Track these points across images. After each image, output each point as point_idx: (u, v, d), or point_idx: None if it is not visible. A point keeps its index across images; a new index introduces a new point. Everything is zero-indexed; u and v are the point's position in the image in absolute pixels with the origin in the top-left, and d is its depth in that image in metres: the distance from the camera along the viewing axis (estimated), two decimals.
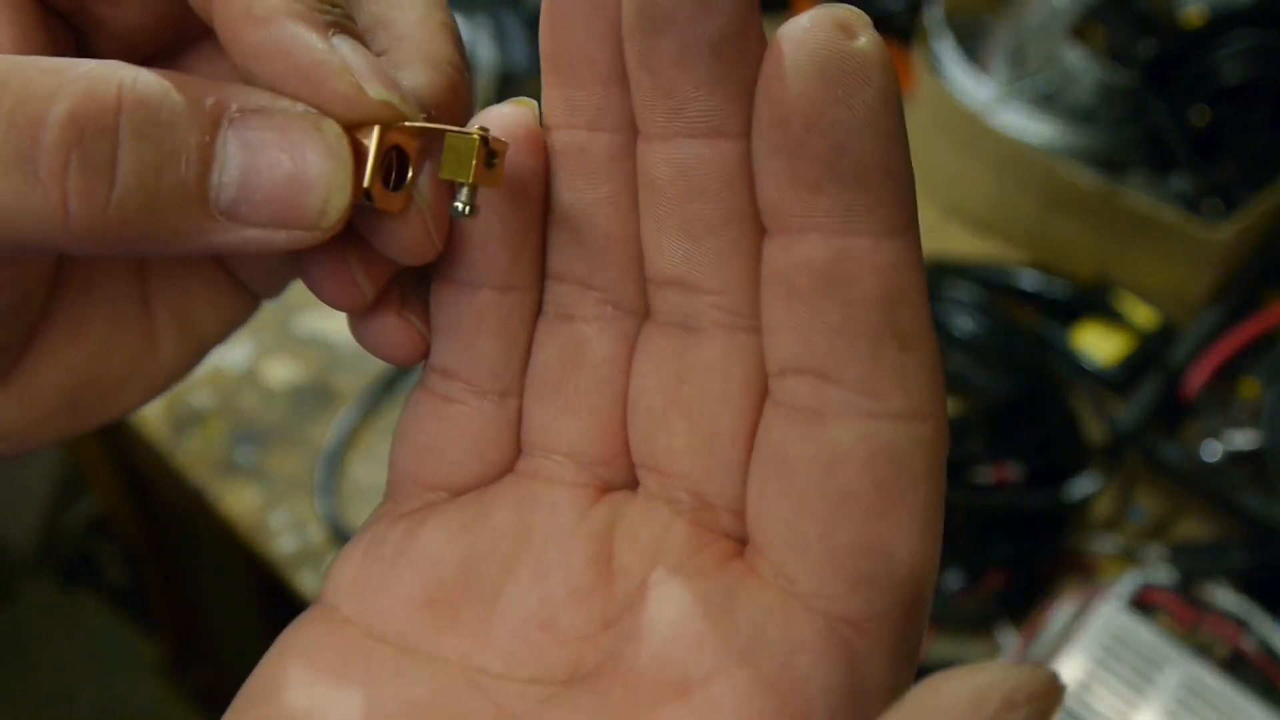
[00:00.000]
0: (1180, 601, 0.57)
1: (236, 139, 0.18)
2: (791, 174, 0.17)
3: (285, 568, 0.65)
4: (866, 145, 0.17)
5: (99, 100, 0.17)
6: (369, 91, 0.19)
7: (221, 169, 0.18)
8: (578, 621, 0.20)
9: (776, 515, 0.19)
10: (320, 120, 0.19)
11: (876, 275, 0.17)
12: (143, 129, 0.18)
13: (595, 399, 0.21)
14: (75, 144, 0.17)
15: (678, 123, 0.18)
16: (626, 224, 0.20)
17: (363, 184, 0.19)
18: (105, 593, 1.37)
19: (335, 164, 0.19)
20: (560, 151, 0.20)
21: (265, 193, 0.18)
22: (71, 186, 0.17)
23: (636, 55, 0.18)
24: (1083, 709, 0.52)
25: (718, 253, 0.19)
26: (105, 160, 0.17)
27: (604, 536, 0.21)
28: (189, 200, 0.18)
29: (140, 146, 0.18)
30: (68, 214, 0.17)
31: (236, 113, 0.18)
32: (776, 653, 0.18)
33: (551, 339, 0.21)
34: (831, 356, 0.18)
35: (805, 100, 0.17)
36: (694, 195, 0.19)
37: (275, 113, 0.19)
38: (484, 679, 0.20)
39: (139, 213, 0.18)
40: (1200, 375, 0.66)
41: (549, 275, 0.21)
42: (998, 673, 0.14)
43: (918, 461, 0.18)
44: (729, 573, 0.19)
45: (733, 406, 0.20)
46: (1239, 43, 0.71)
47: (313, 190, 0.18)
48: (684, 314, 0.20)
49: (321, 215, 0.19)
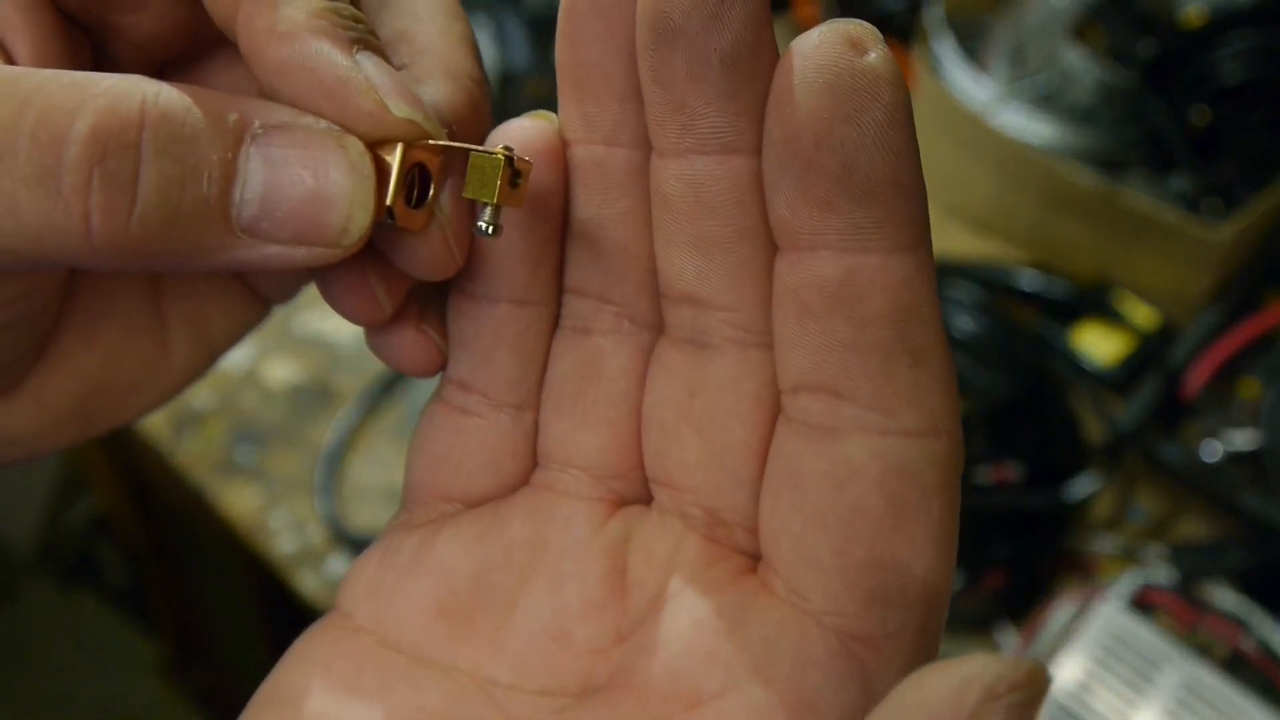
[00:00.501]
0: (1180, 601, 0.57)
1: (259, 155, 0.18)
2: (802, 191, 0.17)
3: (285, 568, 0.65)
4: (877, 162, 0.17)
5: (122, 116, 0.17)
6: (393, 109, 0.19)
7: (244, 185, 0.18)
8: (591, 634, 0.20)
9: (789, 531, 0.19)
10: (343, 137, 0.19)
11: (887, 292, 0.17)
12: (165, 145, 0.17)
13: (611, 413, 0.21)
14: (98, 161, 0.17)
15: (689, 139, 0.18)
16: (643, 239, 0.20)
17: (385, 202, 0.19)
18: (105, 593, 1.37)
19: (358, 182, 0.19)
20: (578, 167, 0.20)
21: (287, 209, 0.18)
22: (94, 203, 0.17)
23: (649, 70, 0.18)
24: (1083, 709, 0.52)
25: (729, 269, 0.19)
26: (128, 176, 0.17)
27: (618, 550, 0.21)
28: (211, 216, 0.18)
29: (163, 163, 0.17)
30: (90, 230, 0.17)
31: (259, 129, 0.18)
32: (788, 669, 0.18)
33: (568, 353, 0.21)
34: (843, 374, 0.18)
35: (815, 118, 0.17)
36: (705, 212, 0.19)
37: (298, 129, 0.18)
38: (496, 690, 0.20)
39: (161, 229, 0.18)
40: (1200, 375, 0.66)
41: (566, 289, 0.21)
42: (979, 665, 0.14)
43: (931, 478, 0.18)
44: (742, 588, 0.19)
45: (744, 421, 0.20)
46: (1239, 43, 0.71)
47: (335, 208, 0.18)
48: (697, 330, 0.20)
49: (343, 233, 0.19)
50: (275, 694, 0.20)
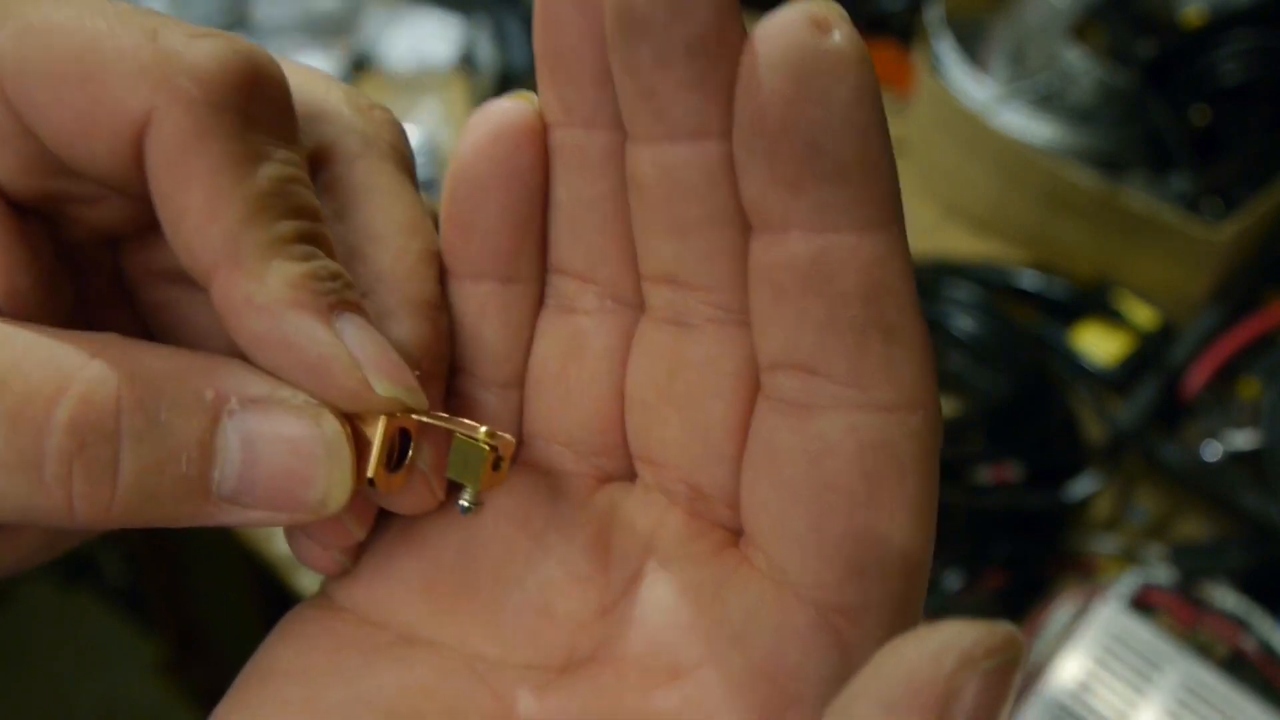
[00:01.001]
0: (1180, 601, 0.57)
1: (236, 434, 0.18)
2: (771, 173, 0.17)
3: (285, 568, 0.65)
4: (844, 142, 0.17)
5: (99, 405, 0.17)
6: (377, 388, 0.19)
7: (222, 464, 0.18)
8: (575, 608, 0.20)
9: (767, 507, 0.19)
10: (320, 414, 0.19)
11: (859, 271, 0.17)
12: (142, 433, 0.18)
13: (595, 389, 0.21)
14: (78, 452, 0.17)
15: (660, 125, 0.18)
16: (625, 219, 0.20)
17: (366, 474, 0.19)
18: (105, 593, 1.37)
19: (335, 462, 0.19)
20: (558, 150, 0.20)
21: (266, 486, 0.18)
22: (76, 490, 0.17)
23: (618, 60, 0.18)
24: (1083, 709, 0.52)
25: (705, 251, 0.19)
26: (108, 464, 0.18)
27: (602, 525, 0.21)
28: (191, 492, 0.18)
29: (141, 450, 0.18)
30: (73, 511, 0.18)
31: (235, 405, 0.18)
32: (768, 641, 0.19)
33: (553, 331, 0.22)
34: (818, 351, 0.18)
35: (780, 100, 0.17)
36: (680, 196, 0.19)
37: (274, 404, 0.18)
38: (481, 665, 0.20)
39: (142, 506, 0.18)
40: (1200, 375, 0.66)
41: (550, 269, 0.21)
42: (955, 631, 0.14)
43: (907, 452, 0.18)
44: (723, 562, 0.20)
45: (723, 399, 0.20)
46: (1239, 43, 0.71)
47: (312, 486, 0.19)
48: (676, 310, 0.20)
49: (321, 505, 0.19)
50: (259, 672, 0.20)
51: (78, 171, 0.19)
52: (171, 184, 0.18)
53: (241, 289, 0.18)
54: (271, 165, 0.19)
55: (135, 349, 0.18)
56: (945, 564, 0.60)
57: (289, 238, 0.19)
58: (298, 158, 0.20)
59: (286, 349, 0.18)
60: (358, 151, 0.22)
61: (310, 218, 0.19)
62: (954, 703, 0.14)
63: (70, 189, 0.20)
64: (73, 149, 0.18)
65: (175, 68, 0.18)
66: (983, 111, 0.75)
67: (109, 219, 0.21)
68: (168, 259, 0.21)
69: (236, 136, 0.18)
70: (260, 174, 0.18)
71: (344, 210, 0.21)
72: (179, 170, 0.18)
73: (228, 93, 0.18)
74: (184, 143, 0.18)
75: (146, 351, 0.18)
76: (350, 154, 0.22)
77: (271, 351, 0.18)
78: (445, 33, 0.96)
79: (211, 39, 0.18)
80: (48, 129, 0.18)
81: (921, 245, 0.75)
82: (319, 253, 0.19)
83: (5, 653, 1.32)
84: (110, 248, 0.22)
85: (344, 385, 0.18)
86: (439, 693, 0.20)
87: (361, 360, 0.19)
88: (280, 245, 0.18)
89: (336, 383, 0.18)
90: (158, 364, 0.18)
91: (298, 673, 0.20)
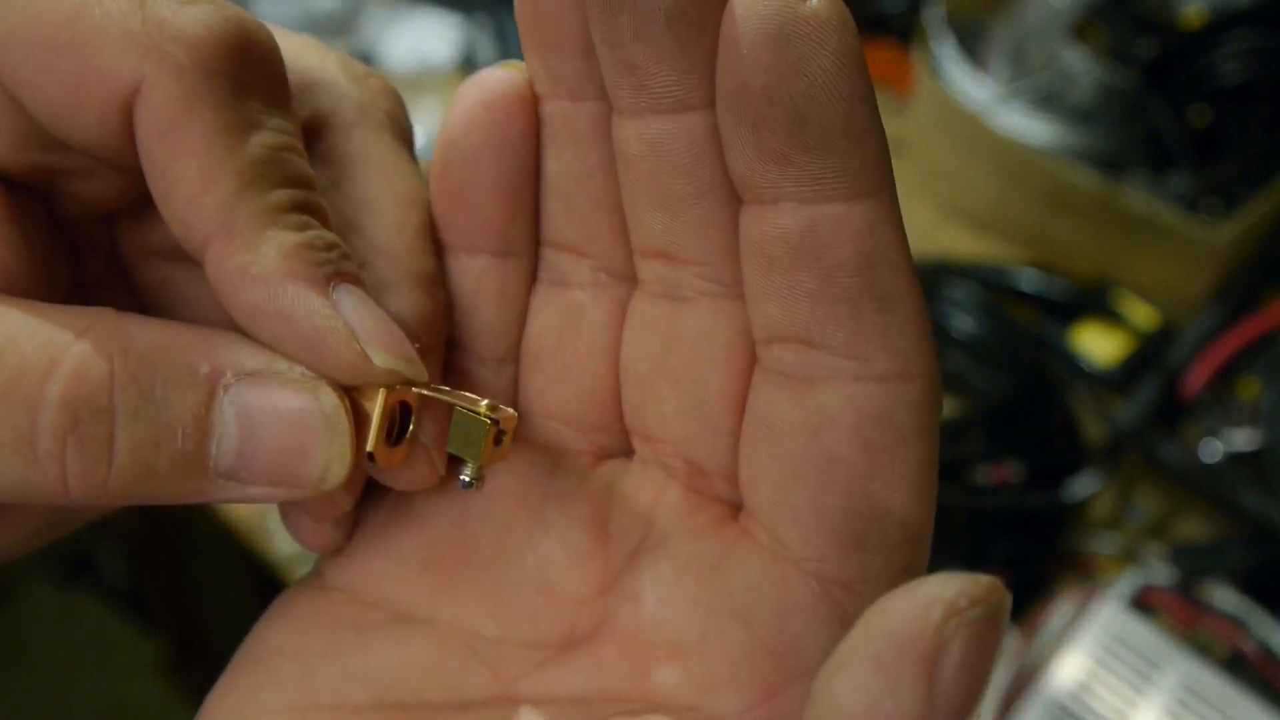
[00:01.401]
0: (1180, 601, 0.57)
1: (233, 408, 0.18)
2: (757, 146, 0.17)
3: (285, 567, 0.65)
4: (829, 111, 0.16)
5: (92, 381, 0.17)
6: (375, 360, 0.18)
7: (219, 439, 0.18)
8: (574, 585, 0.20)
9: (767, 480, 0.19)
10: (318, 387, 0.18)
11: (851, 240, 0.17)
12: (137, 408, 0.17)
13: (592, 365, 0.21)
14: (72, 428, 0.17)
15: (643, 99, 0.18)
16: (616, 192, 0.20)
17: (365, 448, 0.19)
18: (105, 592, 1.37)
19: (334, 436, 0.18)
20: (547, 122, 0.20)
21: (264, 460, 0.18)
22: (71, 468, 0.17)
23: (598, 33, 0.18)
24: (1083, 709, 0.52)
25: (695, 225, 0.19)
26: (102, 441, 0.17)
27: (601, 501, 0.21)
28: (188, 468, 0.18)
29: (136, 426, 0.17)
30: (69, 489, 0.17)
31: (231, 378, 0.18)
32: (769, 615, 0.18)
33: (548, 306, 0.21)
34: (814, 323, 0.18)
35: (762, 71, 0.16)
36: (666, 170, 0.19)
37: (271, 377, 0.18)
38: (480, 643, 0.20)
39: (139, 483, 0.18)
40: (1200, 375, 0.66)
41: (544, 242, 0.21)
42: (939, 584, 0.14)
43: (906, 422, 0.18)
44: (723, 536, 0.20)
45: (719, 372, 0.20)
46: (1239, 43, 0.71)
47: (311, 460, 0.18)
48: (669, 284, 0.20)
49: (321, 480, 0.18)
50: (252, 653, 0.20)
51: (67, 143, 0.19)
52: (163, 154, 0.18)
53: (236, 260, 0.18)
54: (265, 133, 0.18)
55: (128, 323, 0.18)
56: (945, 564, 0.60)
57: (284, 207, 0.18)
58: (291, 126, 0.19)
59: (283, 320, 0.18)
60: (353, 120, 0.21)
61: (305, 186, 0.19)
62: (942, 655, 0.14)
63: (61, 163, 0.20)
64: (61, 119, 0.18)
65: (165, 34, 0.18)
66: (982, 112, 0.75)
67: (102, 194, 0.21)
68: (164, 237, 0.21)
69: (228, 104, 0.18)
70: (253, 142, 0.18)
71: (340, 180, 0.21)
72: (170, 140, 0.18)
73: (218, 60, 0.18)
74: (174, 111, 0.18)
75: (139, 325, 0.18)
76: (346, 122, 0.21)
77: (267, 323, 0.18)
78: (445, 33, 0.96)
79: (200, 5, 0.18)
80: (35, 99, 0.18)
81: (921, 245, 0.75)
82: (315, 222, 0.19)
83: (5, 653, 1.32)
84: (106, 226, 0.22)
85: (341, 357, 0.18)
86: (437, 671, 0.20)
87: (359, 332, 0.18)
88: (275, 215, 0.18)
89: (334, 354, 0.18)
90: (151, 338, 0.18)
91: (292, 652, 0.20)
